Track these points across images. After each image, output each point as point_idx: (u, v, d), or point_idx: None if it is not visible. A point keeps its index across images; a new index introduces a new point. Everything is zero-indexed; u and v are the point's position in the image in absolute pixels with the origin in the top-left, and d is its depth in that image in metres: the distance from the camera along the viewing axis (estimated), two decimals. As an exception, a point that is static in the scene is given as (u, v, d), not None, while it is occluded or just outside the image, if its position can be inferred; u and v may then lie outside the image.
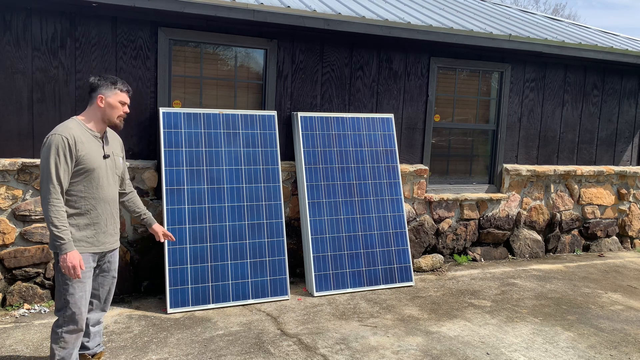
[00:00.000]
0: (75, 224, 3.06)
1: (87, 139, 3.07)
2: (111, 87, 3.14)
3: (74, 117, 3.15)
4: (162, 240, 3.60)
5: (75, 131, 3.03)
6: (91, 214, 3.11)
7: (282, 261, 5.01)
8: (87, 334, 3.41)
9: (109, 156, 3.20)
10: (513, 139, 6.74)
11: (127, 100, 3.22)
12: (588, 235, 7.27)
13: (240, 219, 4.94)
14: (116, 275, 3.40)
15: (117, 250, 3.39)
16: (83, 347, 3.41)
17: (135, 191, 3.63)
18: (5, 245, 4.48)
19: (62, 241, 2.91)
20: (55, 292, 3.10)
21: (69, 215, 3.05)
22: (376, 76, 5.88)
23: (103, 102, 3.11)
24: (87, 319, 3.35)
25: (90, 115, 3.14)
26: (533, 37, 6.25)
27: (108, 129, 3.29)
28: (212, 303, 4.67)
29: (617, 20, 44.36)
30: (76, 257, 2.95)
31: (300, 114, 5.38)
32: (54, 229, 2.90)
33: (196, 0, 4.62)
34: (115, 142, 3.37)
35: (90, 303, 3.33)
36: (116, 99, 3.14)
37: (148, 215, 3.60)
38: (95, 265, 3.20)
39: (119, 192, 3.50)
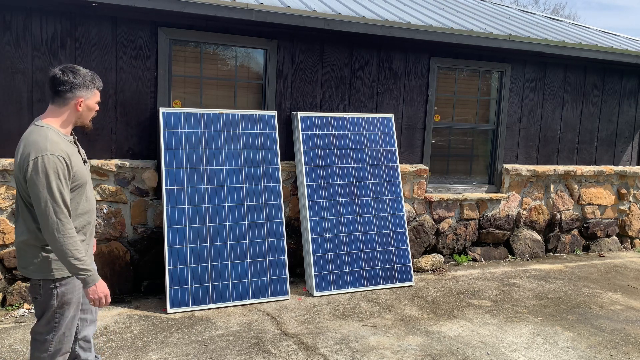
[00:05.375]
0: None
1: (71, 149, 2.70)
2: (91, 86, 2.69)
3: (46, 124, 2.65)
4: None
5: (63, 145, 2.62)
6: (85, 229, 2.82)
7: (282, 261, 5.01)
8: (88, 349, 3.12)
9: (86, 161, 2.88)
10: (513, 139, 6.74)
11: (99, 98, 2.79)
12: (588, 235, 7.27)
13: (240, 219, 4.94)
14: None
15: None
16: None
17: None
18: (5, 245, 4.48)
19: (89, 273, 2.61)
20: (44, 314, 2.78)
21: None
22: (376, 76, 5.88)
23: (82, 105, 2.68)
24: (86, 336, 3.09)
25: (65, 120, 2.69)
26: (533, 37, 6.25)
27: None
28: (212, 303, 4.67)
29: (616, 21, 44.38)
30: (104, 285, 2.68)
31: (300, 114, 5.38)
32: (76, 262, 2.56)
33: (196, 0, 4.62)
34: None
35: (85, 320, 3.06)
36: (94, 101, 2.73)
37: None
38: None
39: None
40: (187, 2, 4.61)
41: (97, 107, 2.78)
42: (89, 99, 2.69)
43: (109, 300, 2.74)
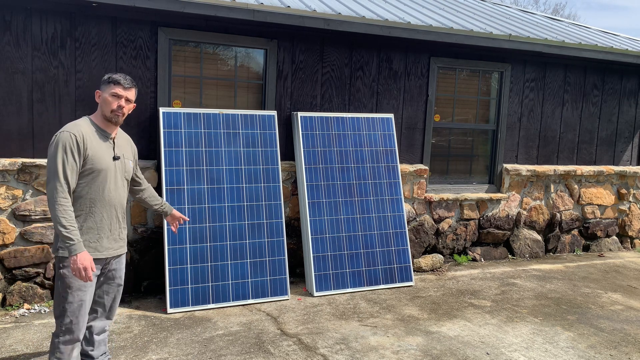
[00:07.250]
0: (79, 227, 2.94)
1: (96, 138, 3.00)
2: (106, 80, 3.05)
3: (87, 116, 3.10)
4: (174, 228, 3.70)
5: (85, 129, 2.96)
6: (95, 217, 3.00)
7: (282, 261, 5.01)
8: (91, 343, 3.27)
9: (119, 158, 3.11)
10: (513, 139, 6.74)
11: (122, 93, 3.04)
12: (588, 235, 7.27)
13: (240, 219, 4.94)
14: (122, 282, 3.28)
15: (124, 256, 3.27)
16: (87, 356, 3.28)
17: (150, 185, 3.64)
18: (5, 245, 4.48)
19: (71, 242, 2.79)
20: (54, 299, 2.99)
21: None
22: (376, 76, 5.88)
23: (100, 97, 3.05)
24: (91, 327, 3.24)
25: (97, 113, 3.08)
26: (533, 37, 6.25)
27: (120, 131, 3.22)
28: (212, 303, 4.67)
29: (616, 21, 44.37)
30: (87, 259, 2.83)
31: (300, 113, 5.38)
32: (62, 229, 2.78)
33: (196, 0, 4.62)
34: (127, 144, 3.28)
35: (95, 311, 3.23)
36: (108, 92, 3.02)
37: (166, 204, 3.67)
38: (98, 272, 3.08)
39: (137, 189, 3.48)
40: (187, 2, 4.61)
41: (112, 100, 3.02)
42: (104, 91, 3.05)
43: (90, 275, 2.84)
